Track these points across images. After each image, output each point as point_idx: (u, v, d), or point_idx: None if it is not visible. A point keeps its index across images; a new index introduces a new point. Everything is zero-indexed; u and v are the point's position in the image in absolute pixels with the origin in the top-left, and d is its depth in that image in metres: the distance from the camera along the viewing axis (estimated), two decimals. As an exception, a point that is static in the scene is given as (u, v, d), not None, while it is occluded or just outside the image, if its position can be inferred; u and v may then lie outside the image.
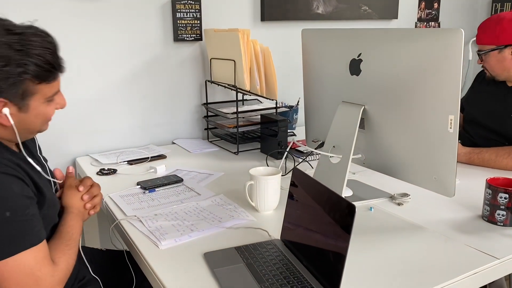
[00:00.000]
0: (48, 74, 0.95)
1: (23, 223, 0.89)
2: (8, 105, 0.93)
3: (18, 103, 0.94)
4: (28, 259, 0.88)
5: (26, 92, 0.94)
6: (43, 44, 0.94)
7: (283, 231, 1.08)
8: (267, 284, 0.89)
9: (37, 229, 0.92)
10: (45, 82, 0.96)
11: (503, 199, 1.13)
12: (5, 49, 0.89)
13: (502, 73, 1.65)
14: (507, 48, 1.58)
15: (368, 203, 1.32)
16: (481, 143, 1.68)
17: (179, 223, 1.19)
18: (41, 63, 0.93)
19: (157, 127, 2.05)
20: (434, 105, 1.10)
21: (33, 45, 0.92)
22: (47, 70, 0.94)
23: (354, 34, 1.29)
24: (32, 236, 0.90)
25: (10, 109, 0.94)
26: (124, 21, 1.88)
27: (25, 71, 0.91)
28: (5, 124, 0.95)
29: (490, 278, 1.00)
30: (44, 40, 0.94)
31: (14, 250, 0.87)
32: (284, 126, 1.77)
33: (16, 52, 0.90)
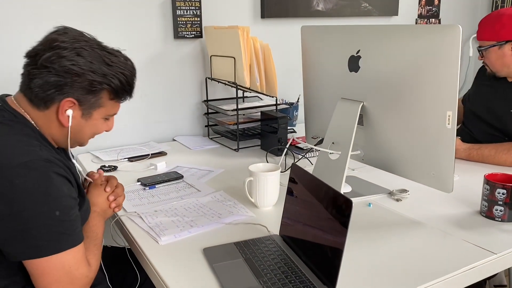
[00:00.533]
0: (123, 93, 1.06)
1: (69, 223, 0.92)
2: (74, 108, 1.00)
3: (85, 109, 1.01)
4: (68, 258, 0.91)
5: (97, 102, 1.02)
6: (128, 67, 1.05)
7: (282, 226, 1.08)
8: (265, 278, 0.90)
9: (78, 230, 0.95)
10: (116, 100, 1.06)
11: (501, 195, 1.13)
12: (97, 59, 0.99)
13: (502, 69, 1.66)
14: (507, 44, 1.59)
15: (367, 199, 1.32)
16: (481, 138, 1.68)
17: (179, 219, 1.20)
18: (123, 82, 1.03)
19: (157, 124, 2.06)
20: (432, 101, 1.10)
21: (120, 65, 1.03)
22: (124, 90, 1.05)
23: (353, 31, 1.30)
24: (75, 237, 0.93)
25: (74, 112, 1.00)
26: (124, 18, 1.88)
27: (108, 83, 1.01)
28: (64, 124, 1.00)
29: (488, 273, 1.00)
30: (129, 65, 1.05)
31: (59, 248, 0.90)
32: (284, 123, 1.78)
33: (105, 65, 1.00)
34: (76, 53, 0.97)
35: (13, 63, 1.72)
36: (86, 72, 0.97)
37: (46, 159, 0.91)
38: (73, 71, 0.96)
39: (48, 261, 0.89)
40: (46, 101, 0.98)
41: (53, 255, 0.89)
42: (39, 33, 1.49)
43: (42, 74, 0.96)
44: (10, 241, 0.89)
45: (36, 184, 0.88)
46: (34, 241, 0.88)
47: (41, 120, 1.00)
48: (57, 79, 0.96)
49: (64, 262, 0.91)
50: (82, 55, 0.97)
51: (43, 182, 0.89)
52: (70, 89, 0.97)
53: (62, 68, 0.96)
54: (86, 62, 0.97)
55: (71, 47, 0.97)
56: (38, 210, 0.87)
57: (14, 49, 1.71)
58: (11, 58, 1.71)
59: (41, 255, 0.89)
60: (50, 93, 0.97)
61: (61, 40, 0.98)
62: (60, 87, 0.97)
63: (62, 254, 0.90)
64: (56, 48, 0.97)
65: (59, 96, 0.97)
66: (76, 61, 0.97)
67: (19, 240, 0.88)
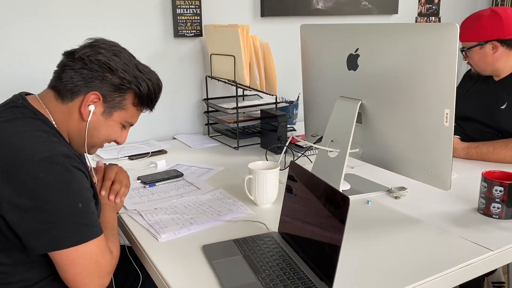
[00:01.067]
0: (146, 101, 1.10)
1: (90, 215, 0.95)
2: (98, 103, 1.03)
3: (107, 107, 1.05)
4: (93, 247, 0.94)
5: (121, 103, 1.06)
6: (156, 79, 1.12)
7: (281, 223, 1.09)
8: (263, 275, 0.91)
9: (98, 222, 0.98)
10: (138, 108, 1.10)
11: (499, 192, 1.14)
12: (131, 63, 1.06)
13: (486, 68, 1.71)
14: (488, 44, 1.65)
15: (366, 196, 1.33)
16: (476, 137, 1.70)
17: (179, 216, 1.21)
18: (151, 89, 1.09)
19: (158, 123, 2.07)
20: (430, 99, 1.11)
21: (151, 75, 1.10)
22: (149, 98, 1.10)
23: (352, 29, 1.30)
24: (97, 227, 0.96)
25: (97, 108, 1.04)
26: (124, 17, 1.89)
27: (137, 85, 1.06)
28: (85, 117, 1.03)
29: (485, 270, 1.01)
30: (157, 78, 1.12)
31: (84, 239, 0.93)
32: (283, 121, 1.78)
33: (137, 70, 1.07)
34: (113, 53, 1.04)
35: (12, 63, 1.73)
36: (119, 69, 1.03)
37: (65, 154, 0.93)
38: (107, 66, 1.02)
39: (74, 252, 0.92)
40: (73, 92, 1.02)
41: (78, 245, 0.92)
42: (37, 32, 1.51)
43: (76, 65, 1.01)
44: (35, 234, 0.90)
45: (58, 178, 0.90)
46: (59, 232, 0.90)
47: (62, 114, 1.03)
48: (89, 71, 1.01)
49: (90, 251, 0.94)
50: (118, 56, 1.04)
51: (65, 176, 0.91)
52: (99, 83, 1.02)
53: (97, 62, 1.02)
54: (120, 62, 1.04)
55: (109, 48, 1.04)
56: (61, 202, 0.90)
57: (13, 48, 1.72)
58: (10, 58, 1.72)
59: (67, 246, 0.91)
60: (79, 84, 1.01)
61: (101, 42, 1.06)
62: (90, 79, 1.02)
63: (87, 244, 0.93)
64: (95, 47, 1.04)
65: (87, 88, 1.02)
66: (112, 59, 1.03)
67: (44, 232, 0.90)
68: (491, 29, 1.62)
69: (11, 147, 0.91)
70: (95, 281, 0.95)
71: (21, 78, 1.74)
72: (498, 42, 1.63)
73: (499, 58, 1.65)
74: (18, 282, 0.97)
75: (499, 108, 1.67)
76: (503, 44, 1.63)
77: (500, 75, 1.71)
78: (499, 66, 1.68)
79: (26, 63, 1.74)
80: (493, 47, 1.64)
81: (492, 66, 1.68)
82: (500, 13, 1.62)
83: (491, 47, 1.64)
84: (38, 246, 0.92)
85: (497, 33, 1.62)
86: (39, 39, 1.75)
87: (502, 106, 1.66)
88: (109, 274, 0.99)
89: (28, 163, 0.89)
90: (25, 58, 1.74)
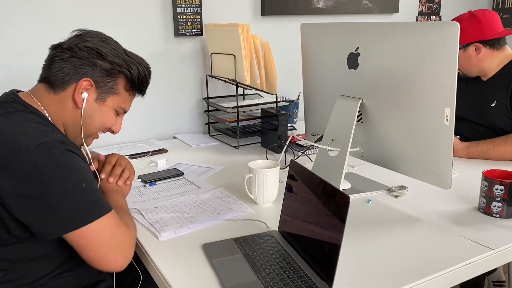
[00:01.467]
0: (138, 87, 1.12)
1: (96, 193, 0.97)
2: (90, 90, 1.04)
3: (100, 93, 1.06)
4: (107, 222, 0.95)
5: (113, 88, 1.07)
6: (145, 63, 1.13)
7: (281, 222, 1.09)
8: (264, 274, 0.91)
9: (105, 200, 0.99)
10: (130, 92, 1.11)
11: (499, 191, 1.14)
12: (119, 48, 1.08)
13: (472, 69, 1.76)
14: (470, 46, 1.70)
15: (366, 195, 1.33)
16: (470, 136, 1.73)
17: (179, 215, 1.21)
18: (141, 73, 1.10)
19: (158, 122, 2.07)
20: (431, 98, 1.11)
21: (139, 59, 1.11)
22: (140, 82, 1.11)
23: (352, 28, 1.30)
24: (106, 204, 0.97)
25: (90, 95, 1.04)
26: (125, 16, 1.89)
27: (128, 68, 1.07)
28: (79, 104, 1.04)
29: (485, 269, 1.01)
30: (146, 62, 1.13)
31: (94, 216, 0.93)
32: (284, 120, 1.78)
33: (126, 56, 1.08)
34: (101, 40, 1.06)
35: (10, 63, 1.73)
36: (108, 54, 1.04)
37: (60, 140, 0.94)
38: (96, 51, 1.03)
39: (88, 230, 0.92)
40: (64, 81, 1.02)
41: (91, 222, 0.92)
42: (37, 31, 1.50)
43: (65, 55, 1.02)
44: (45, 221, 0.91)
45: (57, 161, 0.91)
46: (68, 214, 0.91)
47: (55, 105, 1.03)
48: (79, 59, 1.02)
49: (104, 227, 0.94)
50: (106, 42, 1.06)
51: (64, 158, 0.92)
52: (90, 69, 1.03)
53: (86, 49, 1.03)
54: (108, 47, 1.05)
55: (96, 36, 1.06)
56: (65, 184, 0.90)
57: (11, 48, 1.72)
58: (8, 58, 1.72)
59: (80, 225, 0.92)
60: (70, 72, 1.02)
61: (86, 31, 1.07)
62: (81, 67, 1.03)
63: (99, 221, 0.94)
64: (82, 36, 1.05)
65: (78, 76, 1.03)
66: (100, 45, 1.04)
67: (54, 216, 0.90)
68: (472, 31, 1.68)
69: (4, 139, 0.91)
70: (117, 255, 0.96)
71: (20, 78, 1.74)
72: (480, 44, 1.69)
73: (483, 59, 1.70)
74: (18, 279, 0.97)
75: (489, 106, 1.70)
76: (485, 45, 1.69)
77: (487, 75, 1.75)
78: (485, 67, 1.72)
79: (25, 63, 1.74)
80: (476, 48, 1.70)
81: (478, 67, 1.73)
82: (478, 15, 1.69)
83: (474, 49, 1.70)
84: (50, 231, 0.92)
85: (478, 35, 1.68)
86: (37, 38, 1.74)
87: (492, 104, 1.70)
88: (130, 247, 0.99)
89: (24, 152, 0.89)
90: (23, 57, 1.74)
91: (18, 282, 0.97)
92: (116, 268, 0.97)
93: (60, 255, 1.00)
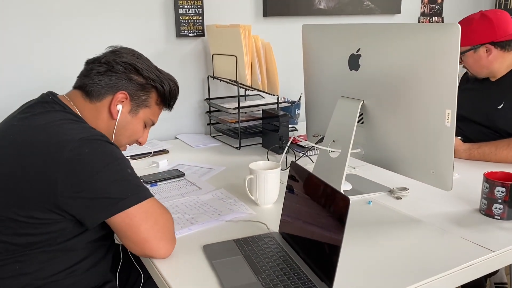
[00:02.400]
0: (168, 100, 1.19)
1: (139, 179, 1.01)
2: (125, 102, 1.11)
3: (134, 106, 1.12)
4: (152, 206, 0.99)
5: (146, 101, 1.14)
6: (175, 80, 1.20)
7: (281, 224, 1.09)
8: (264, 275, 0.91)
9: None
10: (160, 106, 1.18)
11: (500, 193, 1.14)
12: (151, 65, 1.15)
13: (481, 71, 1.72)
14: (481, 47, 1.66)
15: (367, 197, 1.33)
16: (474, 137, 1.71)
17: (180, 216, 1.21)
18: (172, 88, 1.18)
19: (160, 122, 2.04)
20: (432, 99, 1.11)
21: (172, 79, 1.19)
22: (170, 96, 1.19)
23: (353, 29, 1.30)
24: (148, 190, 1.01)
25: (124, 107, 1.11)
26: (127, 17, 1.90)
27: (161, 83, 1.15)
28: (114, 115, 1.10)
29: (486, 271, 1.01)
30: (175, 79, 1.20)
31: (141, 197, 0.97)
32: (285, 121, 1.78)
33: (160, 73, 1.16)
34: (136, 56, 1.13)
35: (14, 65, 1.74)
36: (143, 70, 1.12)
37: (101, 134, 1.00)
38: (132, 67, 1.10)
39: (136, 211, 0.95)
40: (101, 93, 1.08)
41: (138, 203, 0.96)
42: (39, 32, 1.51)
43: (102, 68, 1.09)
44: (93, 205, 0.93)
45: (102, 150, 0.96)
46: (117, 195, 0.94)
47: (91, 113, 1.09)
48: (115, 73, 1.09)
49: (151, 207, 0.98)
50: (140, 58, 1.13)
51: (108, 148, 0.97)
52: (126, 83, 1.10)
53: (123, 64, 1.10)
54: (143, 63, 1.13)
55: (130, 53, 1.14)
56: (112, 168, 0.95)
57: (10, 50, 1.73)
58: (7, 59, 1.73)
59: (126, 206, 0.94)
60: (108, 85, 1.08)
61: (120, 47, 1.14)
62: (117, 80, 1.09)
63: (145, 203, 0.97)
64: (117, 52, 1.12)
65: (115, 89, 1.09)
66: (135, 60, 1.12)
67: (103, 199, 0.93)
68: (483, 32, 1.65)
69: (49, 134, 0.95)
70: (161, 241, 0.98)
71: (24, 79, 1.75)
72: (491, 45, 1.65)
73: (493, 61, 1.67)
74: (35, 272, 0.97)
75: (496, 108, 1.68)
76: (496, 46, 1.65)
77: (496, 76, 1.72)
78: (495, 68, 1.69)
79: (28, 64, 1.75)
80: (486, 50, 1.66)
81: (488, 69, 1.70)
82: (490, 16, 1.65)
83: (485, 50, 1.66)
84: (99, 214, 0.95)
85: (489, 36, 1.64)
86: (40, 39, 1.75)
87: (499, 106, 1.67)
88: (173, 235, 1.02)
89: (70, 143, 0.93)
90: (28, 59, 1.74)
91: (34, 275, 0.97)
92: (160, 254, 0.99)
93: (77, 253, 1.02)
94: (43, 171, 0.91)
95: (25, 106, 1.07)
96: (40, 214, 0.94)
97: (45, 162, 0.92)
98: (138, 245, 0.97)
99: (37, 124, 0.98)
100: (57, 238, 0.97)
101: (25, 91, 1.71)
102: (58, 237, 0.97)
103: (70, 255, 1.00)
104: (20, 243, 0.95)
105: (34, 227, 0.95)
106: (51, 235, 0.96)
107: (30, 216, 0.94)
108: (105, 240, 1.08)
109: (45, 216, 0.94)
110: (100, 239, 1.06)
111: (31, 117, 1.01)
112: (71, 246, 0.99)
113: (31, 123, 0.99)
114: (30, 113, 1.02)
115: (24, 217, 0.94)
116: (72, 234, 0.98)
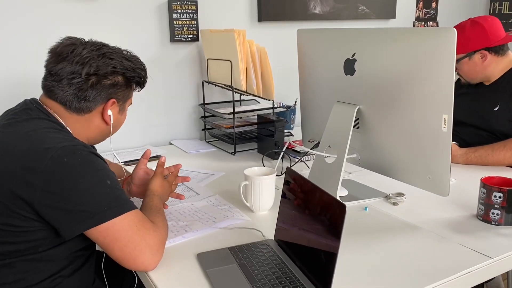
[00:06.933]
0: (143, 83, 1.17)
1: (120, 191, 0.99)
2: (114, 106, 1.10)
3: (121, 105, 1.13)
4: (131, 219, 0.96)
5: (128, 94, 1.14)
6: (139, 59, 1.16)
7: (277, 231, 1.08)
8: (259, 284, 0.89)
9: (130, 200, 1.00)
10: (136, 90, 1.17)
11: (498, 198, 1.13)
12: (122, 59, 1.09)
13: (476, 76, 1.75)
14: (476, 53, 1.69)
15: (363, 202, 1.32)
16: (472, 140, 1.71)
17: (174, 223, 1.19)
18: (145, 73, 1.16)
19: (154, 128, 2.05)
20: (428, 104, 1.10)
21: (136, 58, 1.14)
22: (145, 79, 1.17)
23: (348, 34, 1.29)
24: (130, 203, 0.99)
25: (113, 110, 1.11)
26: (121, 22, 1.88)
27: (139, 75, 1.13)
28: (108, 122, 1.11)
29: (484, 278, 1.00)
30: (138, 56, 1.16)
31: (119, 211, 0.95)
32: (281, 126, 1.77)
33: (130, 62, 1.11)
34: (108, 58, 1.07)
35: (8, 68, 1.72)
36: (125, 70, 1.09)
37: (83, 144, 0.99)
38: (113, 73, 1.07)
39: (113, 226, 0.93)
40: (90, 107, 1.07)
41: (116, 217, 0.93)
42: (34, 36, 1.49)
43: (85, 85, 1.04)
44: (71, 216, 0.92)
45: (83, 160, 0.95)
46: (94, 209, 0.92)
47: (80, 124, 1.08)
48: (100, 84, 1.06)
49: (129, 222, 0.95)
50: (112, 58, 1.07)
51: (89, 158, 0.96)
52: (112, 89, 1.08)
53: (104, 74, 1.06)
54: (119, 63, 1.08)
55: (99, 54, 1.06)
56: (91, 180, 0.94)
57: (8, 52, 1.71)
58: (5, 61, 1.71)
59: (104, 220, 0.93)
60: (95, 98, 1.06)
61: (84, 53, 1.05)
62: (103, 89, 1.07)
63: (124, 216, 0.95)
64: (88, 60, 1.04)
65: (104, 99, 1.08)
66: (111, 64, 1.07)
67: (80, 211, 0.92)
68: (477, 39, 1.67)
69: (32, 141, 0.95)
70: (144, 252, 0.95)
71: (16, 82, 1.73)
72: (485, 51, 1.67)
73: (488, 66, 1.69)
74: (18, 281, 0.96)
75: (492, 110, 1.69)
76: (490, 51, 1.68)
77: (491, 80, 1.74)
78: (489, 73, 1.72)
79: (20, 67, 1.73)
80: (481, 55, 1.68)
81: (482, 74, 1.72)
82: (481, 22, 1.67)
83: (480, 56, 1.69)
84: (76, 226, 0.93)
85: (483, 42, 1.66)
86: (33, 43, 1.73)
87: (495, 108, 1.69)
88: (158, 245, 0.98)
89: (51, 151, 0.92)
90: (18, 62, 1.72)
91: (18, 284, 0.96)
92: (146, 266, 0.96)
93: (59, 262, 1.00)
94: (23, 178, 0.91)
95: (9, 112, 1.06)
96: (18, 222, 0.92)
97: (26, 169, 0.91)
98: (118, 259, 0.96)
99: (21, 131, 0.97)
100: (38, 247, 0.96)
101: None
102: (39, 246, 0.96)
103: (53, 264, 0.98)
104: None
105: (14, 235, 0.94)
106: (31, 244, 0.95)
107: (9, 224, 0.92)
108: (88, 249, 1.07)
109: (25, 224, 0.93)
110: (84, 249, 1.05)
111: (15, 124, 1.00)
112: (53, 255, 0.98)
113: (15, 130, 0.98)
114: (14, 119, 1.01)
115: (3, 225, 0.93)
116: (53, 243, 0.97)
